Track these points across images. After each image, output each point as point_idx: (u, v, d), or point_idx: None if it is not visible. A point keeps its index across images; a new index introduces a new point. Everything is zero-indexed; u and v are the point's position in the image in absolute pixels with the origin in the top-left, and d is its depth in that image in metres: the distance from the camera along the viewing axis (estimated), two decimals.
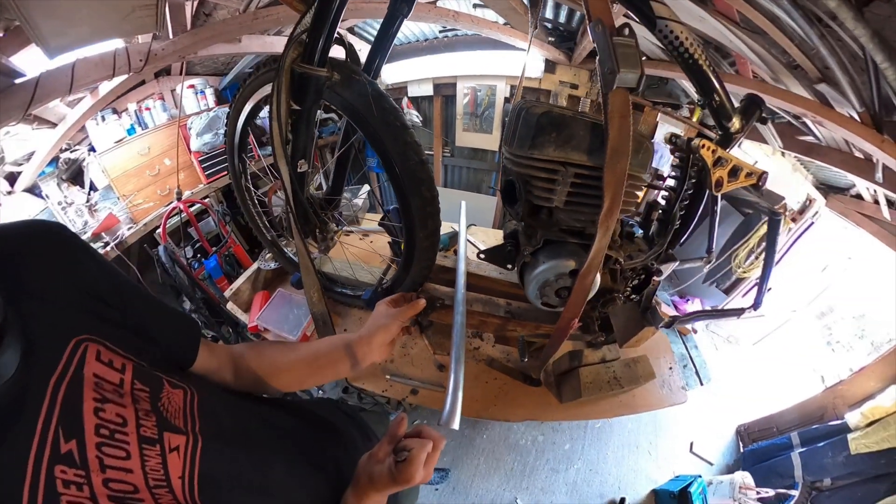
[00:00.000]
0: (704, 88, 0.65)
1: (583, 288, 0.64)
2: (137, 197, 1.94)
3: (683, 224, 0.78)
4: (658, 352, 1.22)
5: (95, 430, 0.26)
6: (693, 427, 1.87)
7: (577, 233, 0.69)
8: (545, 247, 0.69)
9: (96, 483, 0.25)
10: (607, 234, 0.58)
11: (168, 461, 0.29)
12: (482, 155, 3.04)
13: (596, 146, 0.58)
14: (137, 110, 1.97)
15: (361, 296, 1.06)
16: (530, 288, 0.71)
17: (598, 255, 0.60)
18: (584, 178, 0.61)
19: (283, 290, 1.26)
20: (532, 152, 0.59)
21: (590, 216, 0.65)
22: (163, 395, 0.32)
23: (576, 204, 0.64)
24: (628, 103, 0.51)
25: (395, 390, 1.04)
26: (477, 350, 1.17)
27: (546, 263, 0.67)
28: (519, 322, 0.92)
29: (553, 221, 0.69)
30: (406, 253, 0.89)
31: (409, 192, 0.75)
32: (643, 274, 0.82)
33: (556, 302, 0.73)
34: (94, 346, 0.29)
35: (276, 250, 1.27)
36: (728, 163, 0.66)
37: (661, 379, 1.12)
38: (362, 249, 1.24)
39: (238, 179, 1.15)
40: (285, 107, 0.72)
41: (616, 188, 0.54)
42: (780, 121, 1.55)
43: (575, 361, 1.00)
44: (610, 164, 0.53)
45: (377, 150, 0.74)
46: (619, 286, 0.79)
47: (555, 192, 0.62)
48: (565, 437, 1.75)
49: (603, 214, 0.56)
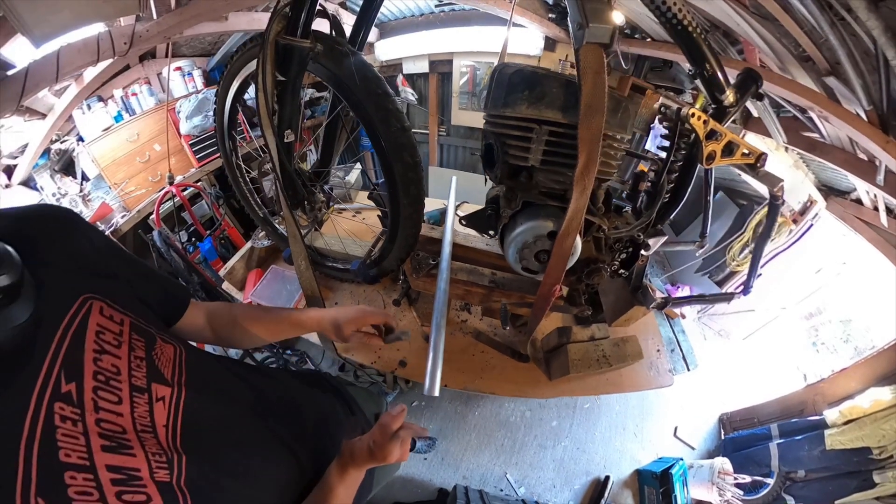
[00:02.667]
0: (695, 57, 0.64)
1: (562, 251, 0.66)
2: (129, 184, 1.96)
3: (673, 198, 0.78)
4: (647, 333, 1.24)
5: (93, 376, 0.29)
6: (678, 412, 1.94)
7: (556, 195, 0.70)
8: (524, 209, 0.71)
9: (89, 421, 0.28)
10: (584, 193, 0.59)
11: (154, 409, 0.32)
12: (479, 134, 2.95)
13: (571, 104, 0.58)
14: (124, 96, 1.96)
15: (349, 267, 1.10)
16: (510, 251, 0.73)
17: (575, 215, 0.61)
18: (559, 136, 0.61)
19: (276, 266, 1.31)
20: (505, 111, 0.61)
21: (568, 178, 0.65)
22: (156, 346, 0.36)
23: (552, 164, 0.65)
24: (601, 59, 0.51)
25: (384, 362, 1.08)
26: (464, 323, 1.20)
27: (524, 224, 0.69)
28: (503, 292, 0.95)
29: (532, 184, 0.70)
30: (392, 222, 0.91)
31: (392, 159, 0.78)
32: (630, 247, 0.82)
33: (536, 266, 0.74)
34: (98, 303, 0.33)
35: (268, 228, 1.30)
36: (723, 137, 0.65)
37: (649, 360, 1.15)
38: (354, 224, 1.29)
39: (229, 158, 1.17)
40: (270, 78, 0.74)
41: (591, 145, 0.55)
42: (786, 114, 1.54)
43: (563, 338, 1.03)
44: (584, 121, 0.54)
45: (360, 117, 0.77)
46: (604, 257, 0.80)
47: (530, 151, 0.63)
48: (552, 414, 1.82)
49: (578, 172, 0.57)
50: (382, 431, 0.45)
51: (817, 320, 2.43)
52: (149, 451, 0.30)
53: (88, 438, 0.27)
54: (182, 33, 1.62)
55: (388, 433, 0.45)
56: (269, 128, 0.75)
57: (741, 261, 1.90)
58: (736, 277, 2.04)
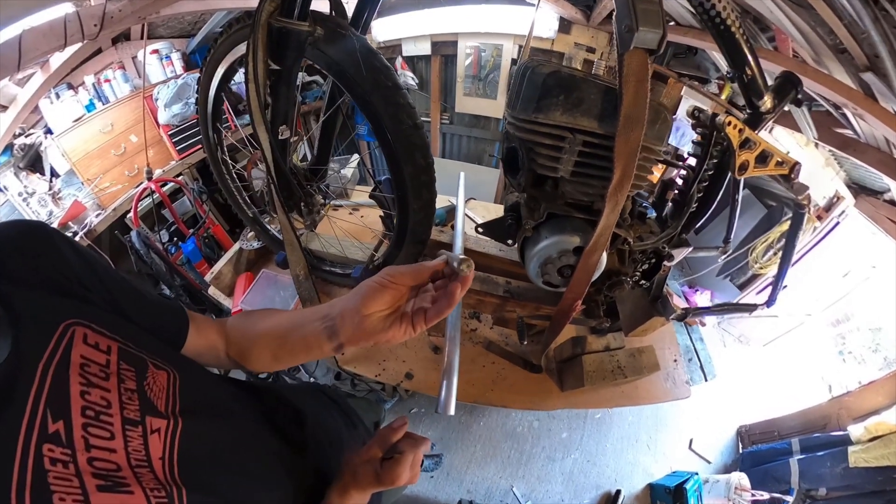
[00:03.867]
0: (736, 60, 0.63)
1: (587, 267, 0.66)
2: (103, 180, 1.90)
3: (700, 207, 0.77)
4: (664, 342, 1.25)
5: (82, 412, 0.29)
6: (694, 424, 1.96)
7: (583, 207, 0.69)
8: (549, 221, 0.69)
9: (81, 461, 0.27)
10: (616, 209, 0.58)
11: (149, 443, 0.31)
12: (485, 122, 2.98)
13: (608, 112, 0.57)
14: (96, 83, 1.90)
15: (351, 273, 1.08)
16: (531, 265, 0.72)
17: (605, 231, 0.61)
18: (593, 146, 0.60)
19: (268, 270, 1.27)
20: (537, 116, 0.59)
21: (598, 189, 0.65)
22: (148, 375, 0.34)
23: (583, 175, 0.64)
24: (646, 66, 0.50)
25: (389, 375, 1.07)
26: (474, 332, 1.20)
27: (549, 239, 0.68)
28: (518, 302, 0.93)
29: (558, 194, 0.69)
30: (399, 227, 0.89)
31: (402, 160, 0.75)
32: (653, 258, 0.82)
33: (558, 281, 0.74)
34: (80, 329, 0.32)
35: (258, 228, 1.28)
36: (756, 146, 0.65)
37: (666, 371, 1.16)
38: (352, 224, 1.24)
39: (213, 152, 1.14)
40: (263, 67, 0.71)
41: (628, 159, 0.54)
42: (818, 109, 1.52)
43: (578, 348, 1.03)
44: (622, 133, 0.53)
45: (366, 113, 0.74)
46: (627, 269, 0.80)
47: (560, 161, 0.62)
48: (562, 425, 1.84)
49: (612, 187, 0.56)
50: (382, 444, 0.44)
51: (844, 328, 2.42)
52: (146, 486, 0.29)
53: (82, 479, 0.27)
54: (159, 12, 1.55)
55: (387, 446, 0.44)
56: (262, 125, 0.72)
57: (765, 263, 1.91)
58: (759, 281, 2.05)
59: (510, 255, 1.05)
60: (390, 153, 0.76)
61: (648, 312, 0.93)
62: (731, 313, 1.58)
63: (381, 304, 0.42)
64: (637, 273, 0.84)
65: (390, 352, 1.12)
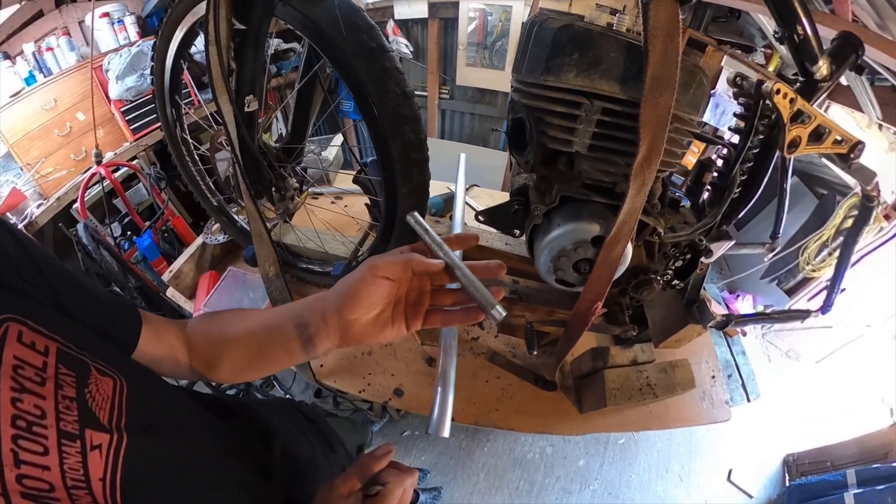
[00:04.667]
0: (785, 17, 0.61)
1: (609, 261, 0.64)
2: (46, 165, 1.90)
3: (744, 193, 0.76)
4: (700, 355, 1.23)
5: (12, 422, 0.28)
6: (733, 452, 1.93)
7: (604, 189, 0.68)
8: (562, 206, 0.69)
9: (9, 478, 0.27)
10: (642, 190, 0.57)
11: (89, 460, 0.31)
12: (491, 97, 2.97)
13: (631, 74, 0.56)
14: (36, 52, 1.89)
15: (331, 272, 1.08)
16: (542, 259, 0.71)
17: (629, 218, 0.60)
18: (614, 115, 0.59)
19: (235, 268, 1.28)
20: (546, 79, 0.58)
21: (621, 167, 0.64)
22: (90, 381, 0.34)
23: (603, 150, 0.63)
24: (677, 18, 0.49)
25: (375, 391, 1.07)
26: (475, 341, 1.19)
27: (562, 227, 0.67)
28: (527, 305, 0.93)
29: (573, 173, 0.68)
30: (386, 215, 0.89)
31: (389, 135, 0.75)
32: (689, 253, 0.81)
33: (574, 279, 0.73)
34: (15, 326, 0.31)
35: (224, 219, 1.27)
36: (811, 119, 0.63)
37: (702, 389, 1.15)
38: (334, 215, 1.24)
39: (172, 130, 1.14)
40: (225, 26, 0.70)
41: (656, 130, 0.53)
42: (882, 83, 1.49)
43: (599, 361, 1.02)
44: (649, 98, 0.52)
45: (347, 80, 0.73)
46: (656, 265, 0.79)
47: (576, 133, 0.61)
48: (579, 451, 1.82)
49: (637, 164, 0.55)
50: (362, 474, 0.44)
51: None
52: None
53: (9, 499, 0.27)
54: None
55: (368, 477, 0.44)
56: (225, 94, 0.71)
57: (818, 265, 1.88)
58: (811, 285, 2.03)
59: (517, 250, 1.04)
60: (375, 127, 0.76)
61: (682, 319, 0.92)
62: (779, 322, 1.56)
63: (369, 306, 0.42)
64: (669, 271, 0.83)
65: (377, 364, 1.12)
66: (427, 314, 0.44)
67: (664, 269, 0.82)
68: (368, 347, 1.15)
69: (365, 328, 0.43)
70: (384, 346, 1.15)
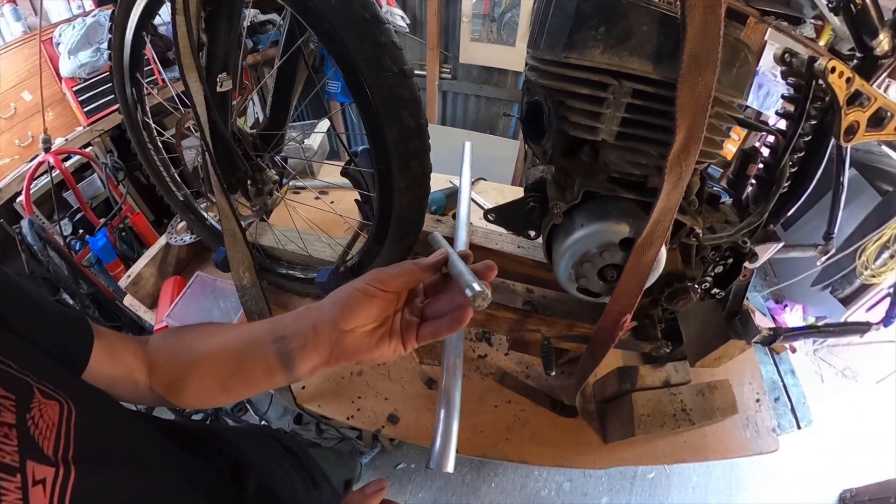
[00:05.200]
0: None
1: (639, 267, 0.65)
2: None
3: (794, 187, 0.76)
4: (742, 375, 1.24)
5: None
6: (782, 487, 1.93)
7: (634, 185, 0.68)
8: (586, 203, 0.68)
9: None
10: (679, 185, 0.57)
11: (30, 496, 0.31)
12: (499, 78, 2.98)
13: (666, 50, 0.56)
14: None
15: (315, 278, 1.07)
16: (562, 264, 0.71)
17: (663, 217, 0.60)
18: (646, 97, 0.59)
19: (204, 273, 1.28)
20: (569, 56, 0.58)
21: (654, 159, 0.64)
22: (33, 406, 0.34)
23: (633, 138, 0.62)
24: None
25: (366, 417, 1.07)
26: (483, 359, 1.19)
27: (586, 228, 0.66)
28: (544, 318, 0.92)
29: (599, 165, 0.68)
30: (380, 214, 0.89)
31: (385, 120, 0.75)
32: (730, 257, 0.81)
33: (599, 288, 0.73)
34: None
35: (191, 217, 1.28)
36: (871, 102, 0.63)
37: (745, 415, 1.15)
38: (319, 212, 1.25)
39: (132, 113, 1.14)
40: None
41: (695, 115, 0.53)
42: None
43: (626, 383, 1.02)
44: (687, 78, 0.52)
45: (336, 56, 0.73)
46: (693, 272, 0.79)
47: (602, 119, 0.61)
48: (602, 488, 1.82)
49: (674, 154, 0.55)
50: None
51: None
52: None
53: None
54: None
55: None
56: (195, 71, 0.72)
57: (878, 270, 1.88)
58: (869, 293, 2.03)
59: (532, 254, 1.04)
60: (368, 111, 0.76)
61: (723, 333, 0.92)
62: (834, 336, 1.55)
63: (367, 318, 0.44)
64: (708, 278, 0.83)
65: (367, 385, 1.12)
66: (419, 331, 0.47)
67: (702, 276, 0.81)
68: (358, 366, 1.15)
69: (359, 341, 0.45)
70: (376, 366, 1.15)
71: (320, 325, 0.44)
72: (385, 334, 0.46)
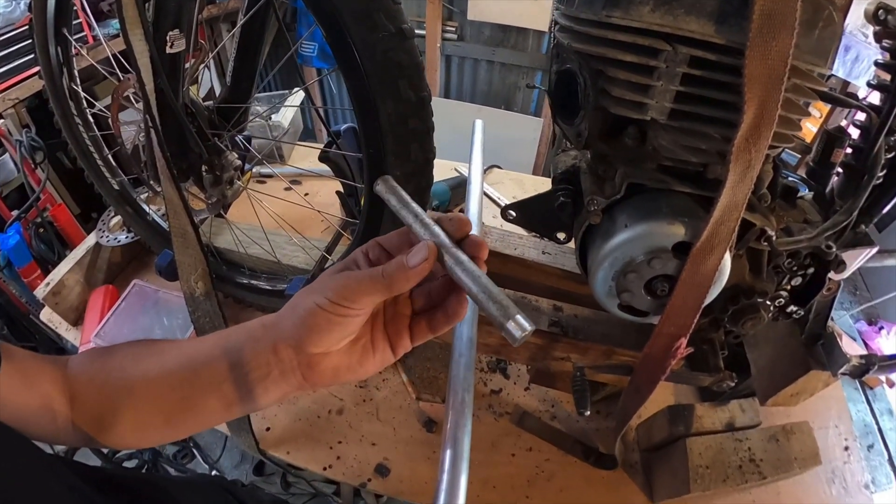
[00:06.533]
0: None
1: (698, 278, 0.65)
2: None
3: (891, 177, 0.76)
4: (826, 416, 1.23)
5: None
6: None
7: (690, 175, 0.68)
8: (630, 198, 0.69)
9: None
10: (747, 175, 0.58)
11: None
12: (518, 39, 3.02)
13: (732, 8, 0.56)
14: None
15: (285, 290, 1.09)
16: (599, 275, 0.71)
17: (728, 215, 0.60)
18: (706, 66, 0.59)
19: (143, 282, 1.29)
20: (611, 14, 0.59)
21: (715, 143, 0.64)
22: None
23: (690, 117, 0.63)
24: None
25: (348, 469, 1.07)
26: (497, 395, 1.20)
27: (631, 229, 0.67)
28: (575, 344, 0.93)
29: (647, 151, 0.68)
30: (369, 209, 0.90)
31: (377, 92, 0.76)
32: (811, 265, 0.81)
33: (646, 305, 0.73)
34: None
35: (128, 210, 1.29)
36: None
37: (830, 467, 1.15)
38: (290, 206, 1.26)
39: (56, 78, 1.16)
40: None
41: (768, 87, 0.54)
42: None
43: (679, 426, 1.03)
44: (758, 43, 0.52)
45: (316, 10, 0.75)
46: (765, 285, 0.79)
47: (651, 93, 0.61)
48: None
49: (741, 136, 0.56)
50: None
51: None
52: None
53: None
54: None
55: None
56: (139, 27, 0.73)
57: None
58: None
59: (560, 261, 1.05)
60: (357, 81, 0.77)
61: (802, 363, 0.92)
62: None
63: (339, 338, 0.44)
64: (783, 293, 0.83)
65: (350, 427, 1.12)
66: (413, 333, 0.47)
67: (776, 290, 0.81)
68: (339, 403, 1.15)
69: (336, 362, 0.45)
70: (361, 403, 1.16)
71: (283, 350, 0.44)
72: (367, 344, 0.46)
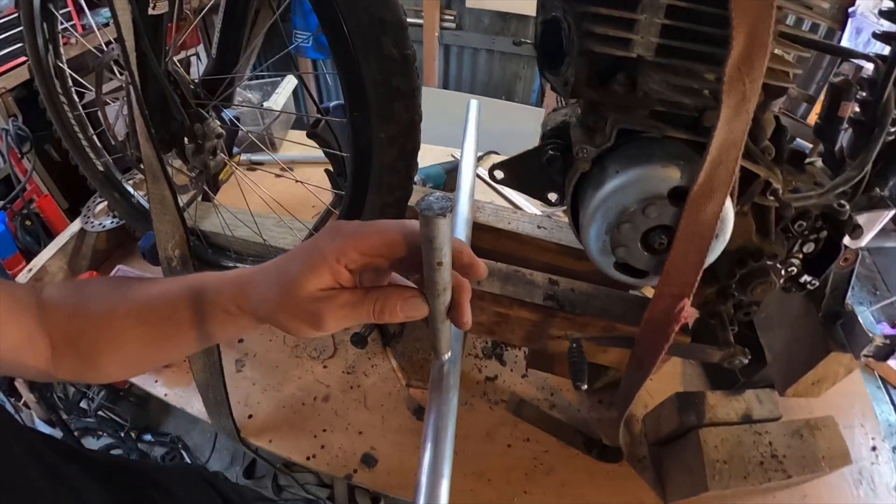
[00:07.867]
0: None
1: (698, 227, 0.63)
2: None
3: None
4: (850, 413, 1.21)
5: None
6: None
7: (684, 120, 0.68)
8: (621, 146, 0.68)
9: None
10: (743, 108, 0.56)
11: None
12: (518, 27, 3.04)
13: None
14: None
15: None
16: (593, 230, 0.70)
17: (725, 154, 0.59)
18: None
19: (127, 267, 1.32)
20: None
21: (708, 83, 0.63)
22: None
23: (678, 53, 0.62)
24: None
25: (332, 459, 1.06)
26: (492, 383, 1.19)
27: (622, 175, 0.66)
28: (573, 318, 0.91)
29: (637, 97, 0.67)
30: (354, 178, 0.91)
31: (360, 49, 0.76)
32: (823, 228, 0.79)
33: (644, 262, 0.71)
34: None
35: (113, 194, 1.31)
36: None
37: (858, 467, 1.12)
38: (279, 189, 1.29)
39: (42, 59, 1.18)
40: None
41: (757, 15, 0.53)
42: None
43: (690, 415, 1.00)
44: None
45: None
46: (774, 246, 0.77)
47: (636, 28, 0.61)
48: None
49: (732, 65, 0.55)
50: None
51: None
52: None
53: None
54: None
55: None
56: None
57: None
58: None
59: (556, 236, 1.05)
60: (339, 40, 0.77)
61: (821, 344, 0.90)
62: None
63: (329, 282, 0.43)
64: (794, 260, 0.81)
65: (336, 414, 1.12)
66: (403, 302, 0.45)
67: (787, 256, 0.79)
68: (325, 390, 1.15)
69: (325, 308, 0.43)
70: (348, 390, 1.15)
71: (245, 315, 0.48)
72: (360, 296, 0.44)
